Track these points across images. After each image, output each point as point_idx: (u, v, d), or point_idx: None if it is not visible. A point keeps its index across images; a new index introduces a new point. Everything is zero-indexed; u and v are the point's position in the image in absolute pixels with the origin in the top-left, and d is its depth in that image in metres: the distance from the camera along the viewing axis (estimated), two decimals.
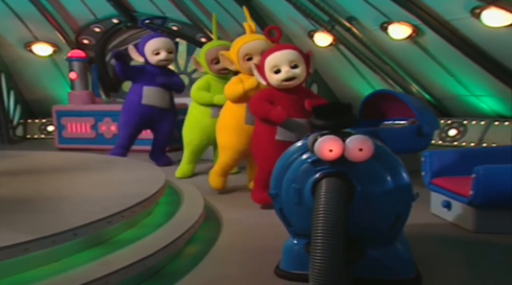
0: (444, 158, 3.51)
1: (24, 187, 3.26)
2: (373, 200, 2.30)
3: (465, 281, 2.56)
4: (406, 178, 2.34)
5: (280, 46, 3.80)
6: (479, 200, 3.03)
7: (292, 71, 3.61)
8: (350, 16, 6.51)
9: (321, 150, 2.23)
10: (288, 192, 2.43)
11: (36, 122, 8.51)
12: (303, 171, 2.38)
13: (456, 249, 2.97)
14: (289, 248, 2.54)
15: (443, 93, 6.75)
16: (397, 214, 2.35)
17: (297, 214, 2.44)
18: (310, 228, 2.12)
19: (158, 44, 5.39)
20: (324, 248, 1.99)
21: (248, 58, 4.14)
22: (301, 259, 2.37)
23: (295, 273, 2.48)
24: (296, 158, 2.43)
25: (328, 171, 2.28)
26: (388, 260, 2.37)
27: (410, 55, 6.46)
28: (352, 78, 7.54)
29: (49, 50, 8.28)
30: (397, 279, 2.36)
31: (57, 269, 2.19)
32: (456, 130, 6.63)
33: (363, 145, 2.20)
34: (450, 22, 5.59)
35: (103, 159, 4.61)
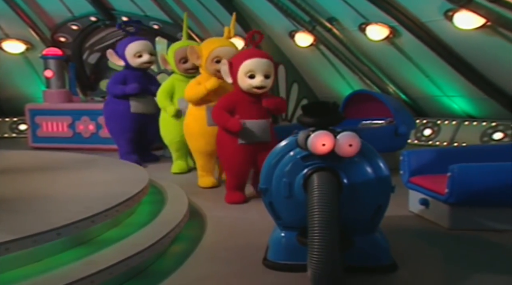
0: (422, 157, 3.59)
1: (1, 187, 3.16)
2: (357, 192, 2.48)
3: (439, 274, 2.65)
4: (386, 171, 2.54)
5: (258, 52, 3.92)
6: (454, 197, 3.13)
7: (265, 81, 3.80)
8: (330, 17, 6.61)
9: (315, 144, 2.38)
10: (279, 186, 2.56)
11: (6, 120, 8.24)
12: (293, 166, 2.52)
13: (431, 245, 3.06)
14: (277, 240, 2.68)
15: (418, 93, 6.95)
16: (379, 204, 2.54)
17: (286, 207, 2.59)
18: (304, 220, 2.30)
19: (140, 46, 5.42)
20: (321, 238, 2.14)
21: (217, 60, 4.32)
22: (289, 250, 2.58)
23: (283, 263, 2.63)
24: (285, 154, 2.56)
25: (317, 166, 2.44)
26: (369, 248, 2.55)
27: (387, 56, 6.62)
28: (332, 78, 7.65)
29: (21, 47, 8.04)
30: (376, 265, 2.56)
31: (40, 269, 2.15)
32: (431, 130, 6.83)
33: (352, 141, 2.39)
34: (426, 23, 5.76)
35: (82, 158, 4.52)
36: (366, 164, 2.50)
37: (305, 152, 2.48)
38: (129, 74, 5.48)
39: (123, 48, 5.44)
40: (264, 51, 4.16)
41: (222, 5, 7.05)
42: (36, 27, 7.93)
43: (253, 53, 3.85)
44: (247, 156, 3.90)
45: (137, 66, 5.43)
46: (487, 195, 3.10)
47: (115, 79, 5.59)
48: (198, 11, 7.43)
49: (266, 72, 3.80)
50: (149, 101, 5.55)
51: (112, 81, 5.60)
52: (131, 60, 5.41)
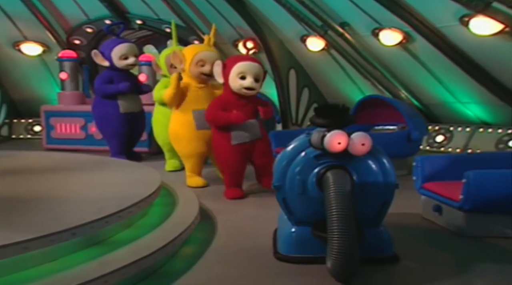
0: (435, 163, 3.57)
1: (17, 187, 3.22)
2: (366, 188, 2.68)
3: (452, 278, 2.62)
4: (391, 169, 2.73)
5: (251, 57, 4.33)
6: (469, 204, 3.10)
7: (255, 84, 4.14)
8: (343, 22, 6.60)
9: (332, 143, 2.57)
10: (292, 183, 2.73)
11: (22, 122, 8.37)
12: (306, 165, 2.70)
13: (445, 251, 3.03)
14: (287, 235, 2.86)
15: (431, 99, 6.89)
16: (384, 200, 2.74)
17: (299, 204, 2.76)
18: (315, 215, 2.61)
19: (126, 49, 5.64)
20: (341, 230, 2.35)
21: (201, 64, 4.62)
22: (300, 244, 2.79)
23: (293, 256, 2.80)
24: (298, 154, 2.74)
25: (330, 164, 2.63)
26: (374, 240, 2.73)
27: (400, 61, 6.57)
28: (343, 83, 7.63)
29: (38, 50, 8.19)
30: (380, 256, 2.75)
31: (56, 268, 2.18)
32: (443, 136, 6.77)
33: (365, 140, 2.59)
34: (440, 29, 5.70)
35: (95, 160, 4.57)
36: (373, 162, 2.69)
37: (318, 151, 2.66)
38: (114, 74, 5.66)
39: (110, 49, 5.61)
40: (257, 58, 4.51)
41: (234, 8, 7.09)
42: (53, 29, 8.07)
43: (246, 58, 4.26)
44: (242, 155, 4.20)
45: (122, 67, 5.63)
46: (502, 202, 3.06)
47: (102, 79, 5.76)
48: (211, 15, 7.49)
49: (256, 75, 4.13)
50: (136, 100, 5.81)
51: (99, 81, 5.77)
52: (116, 61, 5.59)
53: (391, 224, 3.51)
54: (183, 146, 4.71)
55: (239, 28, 7.55)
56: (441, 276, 2.64)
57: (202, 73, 4.62)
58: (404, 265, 2.77)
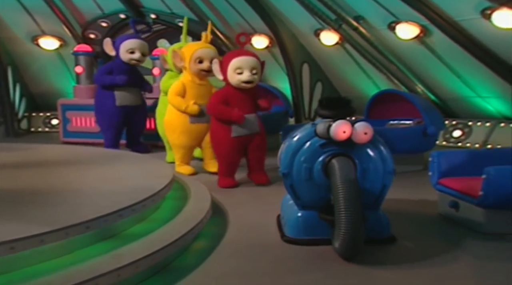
0: (452, 159, 3.51)
1: (34, 180, 3.28)
2: (366, 174, 2.91)
3: (471, 277, 2.59)
4: (389, 156, 2.97)
5: (245, 52, 4.49)
6: (489, 200, 3.03)
7: (252, 76, 4.29)
8: (357, 15, 6.49)
9: (337, 132, 2.78)
10: (299, 170, 2.94)
11: (40, 115, 8.51)
12: (312, 153, 2.92)
13: (463, 249, 2.98)
14: (295, 219, 3.07)
15: (448, 94, 6.74)
16: (384, 184, 2.96)
17: (305, 189, 2.98)
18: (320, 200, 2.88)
19: (134, 44, 5.86)
20: (348, 213, 2.57)
21: (200, 61, 4.78)
22: (306, 227, 3.01)
23: (300, 239, 3.01)
24: (305, 143, 2.96)
25: (335, 152, 2.86)
26: (373, 222, 2.91)
27: (417, 55, 6.44)
28: (357, 77, 7.53)
29: (55, 44, 8.29)
30: (379, 237, 2.97)
31: (70, 261, 2.21)
32: (461, 131, 6.62)
33: (367, 129, 2.82)
34: (459, 22, 5.56)
35: (109, 153, 4.63)
36: (372, 150, 2.92)
37: (322, 140, 2.89)
38: (115, 67, 5.87)
39: (121, 41, 5.89)
40: (251, 51, 4.68)
41: (247, 2, 7.05)
42: (69, 23, 8.16)
43: (240, 53, 4.41)
44: (239, 147, 4.39)
45: (126, 61, 5.83)
46: None
47: (102, 70, 6.02)
48: (224, 9, 7.46)
49: (252, 68, 4.28)
50: (135, 93, 5.94)
51: (99, 71, 6.03)
52: (123, 54, 5.81)
53: (406, 220, 3.51)
54: (175, 136, 4.92)
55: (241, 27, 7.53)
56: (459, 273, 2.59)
57: (201, 69, 4.80)
58: (401, 245, 3.01)
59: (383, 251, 2.89)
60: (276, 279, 2.56)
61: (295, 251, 2.94)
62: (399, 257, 2.83)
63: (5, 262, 2.02)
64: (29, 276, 2.04)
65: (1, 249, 1.95)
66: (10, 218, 2.33)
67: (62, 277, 2.03)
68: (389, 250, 2.93)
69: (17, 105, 8.16)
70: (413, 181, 4.61)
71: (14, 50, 8.13)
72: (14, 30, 8.05)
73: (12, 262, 2.05)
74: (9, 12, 7.79)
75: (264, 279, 2.57)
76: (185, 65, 4.84)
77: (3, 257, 1.98)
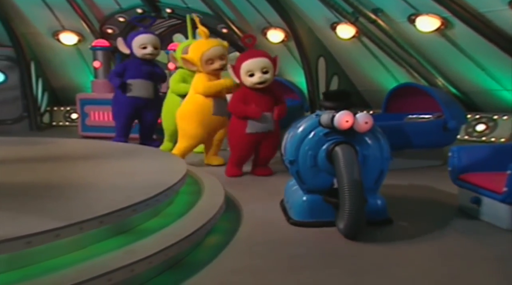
0: (473, 153, 3.42)
1: (52, 174, 3.34)
2: (366, 160, 3.16)
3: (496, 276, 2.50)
4: (386, 144, 3.21)
5: (255, 52, 4.61)
6: None
7: (264, 76, 4.44)
8: (376, 8, 6.36)
9: (341, 121, 3.04)
10: (305, 158, 3.21)
11: (61, 109, 8.68)
12: (317, 141, 3.18)
13: (487, 246, 2.90)
14: (300, 203, 3.32)
15: (471, 87, 6.54)
16: (381, 170, 3.22)
17: (310, 175, 3.24)
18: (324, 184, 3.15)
19: (145, 39, 5.96)
20: (351, 196, 2.84)
21: (211, 62, 4.84)
22: (311, 210, 3.25)
23: (306, 221, 3.25)
24: (309, 133, 3.22)
25: (338, 140, 3.11)
26: (372, 205, 3.14)
27: (438, 48, 6.28)
28: (375, 71, 7.39)
29: (74, 39, 8.41)
30: (378, 219, 3.20)
31: (84, 256, 2.23)
32: (485, 125, 6.41)
33: (368, 119, 3.09)
34: (484, 14, 5.40)
35: (126, 147, 4.68)
36: (371, 138, 3.18)
37: (326, 130, 3.14)
38: (131, 64, 6.00)
39: (132, 38, 6.02)
40: (260, 51, 4.76)
41: None
42: (87, 19, 8.25)
43: (249, 55, 4.56)
44: (253, 143, 4.60)
45: (140, 56, 5.93)
46: None
47: (114, 70, 6.18)
48: (239, 3, 7.40)
49: (263, 68, 4.44)
50: (148, 86, 5.97)
51: (112, 71, 6.22)
52: (136, 50, 5.92)
53: (426, 216, 3.44)
54: (193, 127, 4.88)
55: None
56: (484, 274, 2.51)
57: (213, 69, 4.87)
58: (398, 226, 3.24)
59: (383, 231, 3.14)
60: (289, 275, 2.54)
61: (308, 248, 2.91)
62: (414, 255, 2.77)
63: (21, 256, 2.05)
64: (44, 270, 2.06)
65: (18, 243, 1.98)
66: (27, 212, 2.37)
67: (76, 272, 2.05)
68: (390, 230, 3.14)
69: (40, 100, 8.33)
70: (432, 176, 4.53)
71: (37, 45, 8.28)
72: (36, 25, 8.19)
73: (27, 256, 2.08)
74: (31, 7, 7.93)
75: (277, 275, 2.55)
76: (198, 68, 4.92)
77: (19, 252, 2.00)
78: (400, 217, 3.37)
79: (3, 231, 2.00)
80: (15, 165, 3.58)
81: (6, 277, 1.99)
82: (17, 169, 3.43)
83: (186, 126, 5.03)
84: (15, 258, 2.03)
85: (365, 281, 2.47)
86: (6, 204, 2.53)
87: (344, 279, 2.48)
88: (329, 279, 2.48)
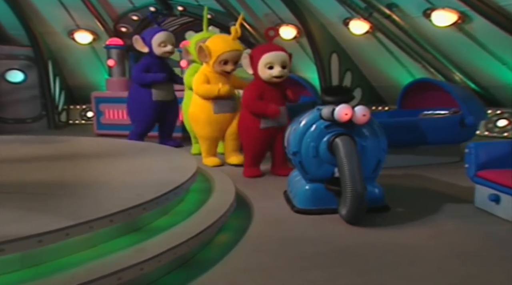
0: (491, 150, 3.34)
1: (65, 172, 3.37)
2: (365, 150, 3.35)
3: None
4: (382, 135, 3.40)
5: (275, 46, 4.53)
6: None
7: (283, 71, 4.41)
8: (390, 3, 6.24)
9: (341, 114, 3.23)
10: (308, 149, 3.40)
11: (77, 108, 8.81)
12: (318, 133, 3.37)
13: (505, 245, 2.81)
14: (302, 192, 3.51)
15: (490, 82, 6.37)
16: (379, 159, 3.41)
17: (313, 165, 3.43)
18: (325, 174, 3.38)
19: (165, 37, 5.84)
20: (352, 183, 3.03)
21: (225, 62, 4.81)
22: (314, 198, 3.45)
23: (308, 209, 3.44)
24: (311, 125, 3.41)
25: (338, 132, 3.29)
26: (370, 193, 3.28)
27: (455, 42, 6.13)
28: (389, 66, 7.26)
29: (89, 38, 8.51)
30: (374, 206, 3.37)
31: (94, 255, 2.24)
32: (507, 121, 6.23)
33: (365, 112, 3.26)
34: (504, 7, 5.24)
35: (138, 145, 4.69)
36: (369, 131, 3.37)
37: (327, 122, 3.31)
38: (151, 62, 5.84)
39: (151, 36, 5.82)
40: (280, 45, 4.65)
41: None
42: (101, 17, 8.34)
43: (271, 47, 4.47)
44: (267, 138, 4.53)
45: (160, 55, 5.81)
46: None
47: (140, 67, 5.95)
48: (252, 1, 7.36)
49: (283, 63, 4.40)
50: (169, 88, 5.96)
51: (137, 69, 5.97)
52: (156, 48, 5.78)
53: (442, 214, 3.37)
54: (200, 128, 4.97)
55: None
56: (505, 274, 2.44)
57: (224, 70, 4.84)
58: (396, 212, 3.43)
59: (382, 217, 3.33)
60: (299, 274, 2.51)
61: (318, 246, 2.87)
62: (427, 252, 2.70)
63: (32, 255, 2.07)
64: (55, 269, 2.07)
65: (30, 242, 2.00)
66: (38, 211, 2.39)
67: (86, 271, 2.05)
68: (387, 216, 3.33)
69: (57, 98, 8.47)
70: (448, 173, 4.46)
71: (53, 44, 8.40)
72: (52, 24, 8.32)
73: (39, 255, 2.10)
74: (47, 7, 8.05)
75: (287, 274, 2.52)
76: (209, 62, 4.85)
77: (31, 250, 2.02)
78: (412, 212, 3.35)
79: (15, 230, 2.02)
80: (29, 164, 3.63)
81: (20, 276, 2.02)
82: (32, 168, 3.48)
83: (195, 128, 5.10)
84: (27, 257, 2.06)
85: (376, 280, 2.42)
86: (17, 203, 2.56)
87: (355, 278, 2.45)
88: (340, 277, 2.45)
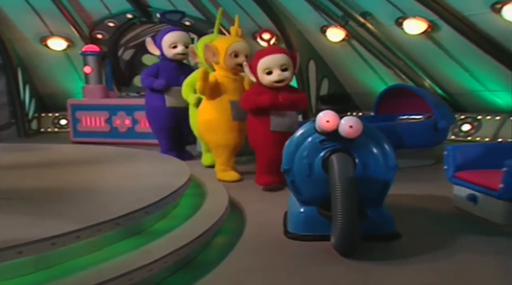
0: (468, 152, 3.53)
1: (57, 179, 3.33)
2: (367, 170, 2.87)
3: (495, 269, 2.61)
4: (391, 151, 2.93)
5: (273, 49, 4.29)
6: (510, 193, 3.04)
7: (283, 74, 4.08)
8: (364, 11, 6.52)
9: (321, 120, 2.82)
10: (300, 166, 2.95)
11: (49, 115, 8.58)
12: (312, 149, 2.93)
13: (485, 242, 3.00)
14: (296, 215, 3.08)
15: (456, 88, 6.77)
16: (385, 180, 2.92)
17: (306, 184, 2.98)
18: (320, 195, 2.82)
19: (175, 37, 5.43)
20: (343, 209, 2.55)
21: (235, 55, 4.53)
22: (308, 223, 3.00)
23: (302, 235, 3.01)
24: (305, 140, 2.97)
25: (334, 148, 2.84)
26: (377, 219, 2.91)
27: (425, 50, 6.47)
28: (364, 73, 7.54)
29: (63, 44, 8.33)
30: (384, 233, 2.95)
31: (103, 257, 2.27)
32: (470, 125, 6.65)
33: (353, 123, 2.79)
34: (468, 17, 5.60)
35: (124, 152, 4.66)
36: (373, 146, 2.90)
37: (323, 136, 2.88)
38: (162, 67, 5.46)
39: (161, 38, 5.46)
40: (279, 47, 4.43)
41: (254, 0, 7.07)
42: (76, 24, 8.19)
43: (267, 51, 4.17)
44: (278, 142, 4.01)
45: (171, 57, 5.42)
46: None
47: (147, 70, 5.59)
48: (230, 8, 7.48)
49: (282, 66, 4.06)
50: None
51: (145, 73, 5.58)
52: (166, 50, 5.41)
53: (421, 215, 3.54)
54: (218, 136, 4.56)
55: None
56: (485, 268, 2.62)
57: (237, 64, 4.51)
58: (404, 242, 2.98)
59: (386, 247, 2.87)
60: (298, 272, 2.60)
61: (314, 245, 2.96)
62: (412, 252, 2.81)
63: (45, 258, 2.08)
64: (67, 271, 2.09)
65: (44, 245, 2.02)
66: (46, 215, 2.39)
67: (98, 272, 2.08)
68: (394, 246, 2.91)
69: (27, 106, 8.22)
70: (425, 176, 4.65)
71: (23, 51, 8.17)
72: (23, 31, 8.09)
73: (51, 258, 2.11)
74: (18, 13, 7.83)
75: (286, 273, 2.61)
76: (219, 60, 4.54)
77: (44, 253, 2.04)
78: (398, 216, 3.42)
79: (29, 234, 2.02)
80: (16, 171, 3.56)
81: (34, 278, 2.02)
82: (20, 175, 3.41)
83: (211, 137, 4.64)
84: (41, 260, 2.06)
85: (374, 277, 2.53)
86: (23, 209, 2.54)
87: (352, 275, 2.55)
88: (337, 275, 2.55)
